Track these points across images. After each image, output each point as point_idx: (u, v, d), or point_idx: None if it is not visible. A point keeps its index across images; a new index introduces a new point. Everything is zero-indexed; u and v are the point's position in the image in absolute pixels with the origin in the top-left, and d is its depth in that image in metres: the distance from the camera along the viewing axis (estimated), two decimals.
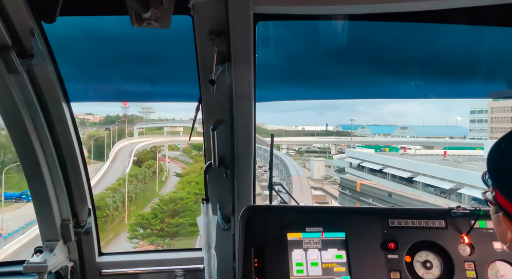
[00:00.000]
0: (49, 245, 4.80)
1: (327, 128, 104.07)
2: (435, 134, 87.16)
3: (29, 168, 4.61)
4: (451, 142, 77.89)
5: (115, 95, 5.59)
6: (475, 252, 4.06)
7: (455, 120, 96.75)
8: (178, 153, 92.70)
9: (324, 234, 4.21)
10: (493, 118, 69.57)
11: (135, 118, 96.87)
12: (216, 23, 3.94)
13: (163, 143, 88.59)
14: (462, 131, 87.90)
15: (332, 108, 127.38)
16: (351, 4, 3.75)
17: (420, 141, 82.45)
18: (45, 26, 4.02)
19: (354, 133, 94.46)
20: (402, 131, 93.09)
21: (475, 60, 5.06)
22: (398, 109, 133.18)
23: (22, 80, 4.10)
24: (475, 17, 4.23)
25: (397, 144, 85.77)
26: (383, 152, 72.10)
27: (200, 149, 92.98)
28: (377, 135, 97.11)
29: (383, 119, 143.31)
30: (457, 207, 4.31)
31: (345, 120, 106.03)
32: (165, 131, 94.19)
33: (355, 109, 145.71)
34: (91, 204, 5.18)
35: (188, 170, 71.35)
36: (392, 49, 5.03)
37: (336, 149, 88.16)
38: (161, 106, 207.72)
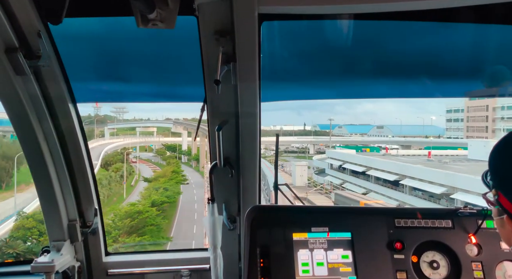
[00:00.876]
0: (56, 245, 4.86)
1: (305, 128, 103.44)
2: (411, 134, 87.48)
3: (36, 168, 4.65)
4: (430, 141, 77.67)
5: (122, 96, 5.67)
6: (482, 252, 4.04)
7: (430, 119, 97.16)
8: (152, 154, 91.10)
9: (329, 234, 4.20)
10: (469, 117, 69.77)
11: (108, 118, 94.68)
12: (221, 24, 3.94)
13: (135, 144, 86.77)
14: (437, 131, 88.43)
15: (310, 108, 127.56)
16: (355, 3, 3.75)
17: (398, 140, 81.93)
18: (51, 28, 4.06)
19: (332, 133, 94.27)
20: (379, 130, 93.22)
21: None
22: (373, 108, 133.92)
23: (29, 81, 4.13)
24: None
25: (375, 143, 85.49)
26: (364, 152, 70.89)
27: (175, 150, 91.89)
28: (354, 134, 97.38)
29: (359, 118, 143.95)
30: (464, 206, 4.29)
31: (322, 120, 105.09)
32: (138, 132, 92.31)
33: (332, 109, 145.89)
34: (97, 204, 5.22)
35: (158, 174, 68.72)
36: (392, 50, 5.07)
37: (315, 148, 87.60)
38: (135, 106, 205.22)
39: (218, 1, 3.73)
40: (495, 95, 5.52)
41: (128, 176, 67.48)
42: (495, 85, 5.35)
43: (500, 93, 5.68)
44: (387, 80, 5.46)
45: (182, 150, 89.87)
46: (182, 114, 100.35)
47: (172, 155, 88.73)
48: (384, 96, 6.02)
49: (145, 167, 79.71)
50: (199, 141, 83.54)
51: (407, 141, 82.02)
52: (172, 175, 67.72)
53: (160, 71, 5.17)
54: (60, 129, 4.62)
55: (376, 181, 53.76)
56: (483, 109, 64.23)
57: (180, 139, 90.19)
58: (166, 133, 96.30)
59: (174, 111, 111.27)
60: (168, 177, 66.31)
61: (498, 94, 5.78)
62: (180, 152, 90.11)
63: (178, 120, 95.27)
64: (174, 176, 66.59)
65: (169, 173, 69.44)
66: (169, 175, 68.22)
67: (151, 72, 5.23)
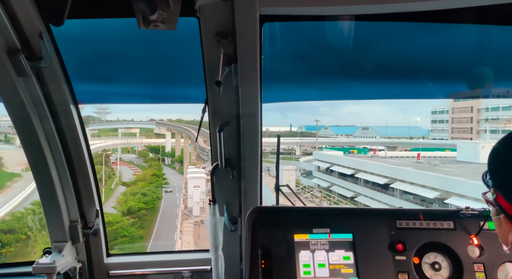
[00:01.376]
0: (57, 246, 4.86)
1: (291, 129, 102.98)
2: (396, 135, 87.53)
3: (38, 169, 4.66)
4: (416, 142, 76.75)
5: (123, 97, 5.63)
6: (484, 253, 4.04)
7: (415, 121, 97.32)
8: (134, 156, 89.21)
9: (331, 235, 4.20)
10: (454, 118, 69.83)
11: (90, 119, 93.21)
12: (222, 25, 3.95)
13: (116, 145, 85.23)
14: (422, 132, 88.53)
15: (295, 109, 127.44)
16: (357, 4, 3.76)
17: (385, 142, 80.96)
18: (53, 29, 4.06)
19: (318, 134, 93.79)
20: (364, 131, 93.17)
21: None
22: (357, 110, 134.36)
23: (31, 82, 4.14)
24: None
25: (361, 144, 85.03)
26: (352, 154, 69.91)
27: (158, 152, 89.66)
28: (339, 136, 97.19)
29: (343, 120, 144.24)
30: (466, 208, 4.28)
31: (307, 122, 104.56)
32: (120, 133, 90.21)
33: (317, 110, 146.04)
34: (99, 205, 5.22)
35: (137, 177, 66.57)
36: (402, 50, 5.07)
37: (301, 150, 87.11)
38: (119, 107, 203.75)
39: (220, 2, 3.73)
40: (479, 97, 5.51)
41: (108, 179, 66.40)
42: (479, 87, 5.42)
43: (484, 94, 5.76)
44: (384, 81, 5.47)
45: (165, 151, 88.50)
46: (167, 115, 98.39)
47: (155, 157, 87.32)
48: (383, 97, 6.05)
49: (126, 169, 77.94)
50: (183, 142, 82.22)
51: (393, 142, 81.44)
52: (152, 178, 66.02)
53: (161, 72, 5.19)
54: (62, 131, 4.63)
55: (365, 184, 52.72)
56: (468, 110, 64.49)
57: (163, 140, 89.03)
58: (150, 134, 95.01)
59: (158, 112, 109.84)
60: (148, 180, 64.41)
61: (481, 95, 5.98)
62: (163, 153, 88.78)
63: (162, 121, 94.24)
64: (154, 179, 64.85)
65: (149, 176, 67.68)
66: (149, 178, 66.34)
67: (152, 74, 5.25)
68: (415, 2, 3.68)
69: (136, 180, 62.44)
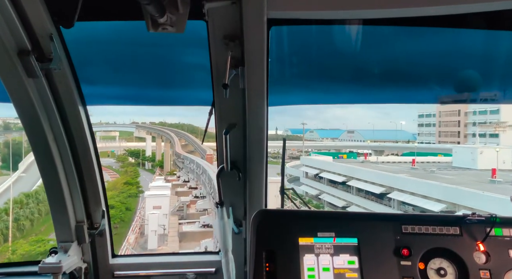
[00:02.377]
0: (64, 246, 4.92)
1: (276, 133, 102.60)
2: (381, 138, 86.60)
3: (46, 169, 4.72)
4: (408, 146, 75.36)
5: (131, 99, 5.70)
6: (490, 260, 4.00)
7: (400, 124, 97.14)
8: (113, 160, 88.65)
9: (336, 239, 4.18)
10: (441, 122, 69.55)
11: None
12: (230, 28, 3.98)
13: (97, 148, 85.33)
14: (407, 136, 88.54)
15: (280, 112, 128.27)
16: (365, 8, 3.77)
17: (372, 145, 79.80)
18: (63, 31, 4.13)
19: (304, 137, 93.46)
20: (349, 135, 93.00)
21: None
22: (342, 113, 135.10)
23: (40, 84, 4.20)
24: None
25: (348, 148, 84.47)
26: (341, 159, 67.93)
27: (138, 156, 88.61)
28: (325, 139, 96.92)
29: (329, 123, 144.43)
30: (472, 213, 4.23)
31: (293, 125, 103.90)
32: (98, 136, 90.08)
33: (302, 114, 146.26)
34: (105, 205, 5.29)
35: (108, 185, 62.31)
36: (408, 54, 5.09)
37: (287, 153, 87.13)
38: (101, 109, 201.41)
39: (228, 6, 3.77)
40: (466, 101, 5.47)
41: None
42: (467, 90, 5.40)
43: (471, 98, 5.65)
44: (392, 86, 5.49)
45: (145, 155, 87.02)
46: (150, 118, 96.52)
47: (133, 162, 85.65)
48: (391, 102, 6.05)
49: (104, 174, 76.26)
50: (163, 146, 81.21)
51: (382, 146, 79.86)
52: (124, 187, 63.71)
53: (169, 74, 5.24)
54: (70, 132, 4.70)
55: (358, 192, 50.59)
56: (455, 114, 64.10)
57: (144, 144, 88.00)
58: (131, 138, 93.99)
59: (141, 115, 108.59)
60: (119, 189, 61.87)
61: (469, 99, 5.72)
62: (143, 158, 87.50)
63: (144, 124, 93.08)
64: (126, 188, 62.54)
65: (120, 184, 65.06)
66: (121, 187, 63.79)
67: (160, 76, 5.29)
68: (418, 7, 3.72)
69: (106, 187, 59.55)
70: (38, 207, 50.30)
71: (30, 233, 47.43)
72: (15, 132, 71.21)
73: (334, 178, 54.37)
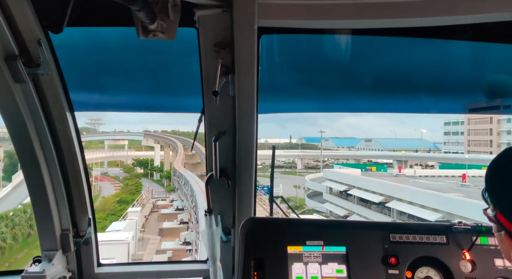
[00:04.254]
0: (48, 254, 4.80)
1: (291, 141, 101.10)
2: (399, 147, 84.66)
3: (31, 176, 4.62)
4: (445, 157, 70.27)
5: (119, 105, 5.64)
6: (476, 269, 4.02)
7: (420, 133, 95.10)
8: (122, 170, 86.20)
9: (324, 248, 4.17)
10: (470, 130, 67.35)
11: (84, 130, 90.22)
12: (221, 36, 4.00)
13: (102, 159, 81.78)
14: (427, 145, 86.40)
15: (293, 121, 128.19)
16: (355, 19, 3.81)
17: (395, 155, 76.22)
18: (52, 36, 4.09)
19: (318, 145, 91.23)
20: (367, 143, 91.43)
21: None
22: (356, 122, 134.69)
23: (27, 89, 4.14)
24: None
25: (367, 157, 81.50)
26: (370, 171, 61.33)
27: (146, 165, 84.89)
28: (341, 148, 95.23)
29: (342, 131, 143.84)
30: (459, 222, 4.29)
31: (306, 133, 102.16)
32: (106, 145, 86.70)
33: (315, 122, 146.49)
34: (91, 213, 5.18)
35: (97, 206, 55.09)
36: (399, 63, 5.11)
37: (302, 163, 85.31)
38: (114, 118, 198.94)
39: (219, 14, 3.77)
40: (499, 108, 5.31)
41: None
42: (498, 97, 5.24)
43: (505, 104, 5.34)
44: (387, 95, 5.50)
45: (153, 165, 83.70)
46: (163, 127, 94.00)
47: (139, 173, 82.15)
48: (385, 111, 6.07)
49: (109, 186, 73.49)
50: (171, 156, 76.53)
51: (406, 155, 75.17)
52: (114, 207, 56.56)
53: (159, 81, 5.22)
54: (57, 138, 4.62)
55: (399, 215, 43.15)
56: (486, 121, 61.13)
57: (152, 153, 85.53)
58: (140, 146, 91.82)
59: (155, 123, 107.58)
60: (108, 210, 54.94)
61: (502, 106, 5.36)
62: (151, 167, 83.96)
63: (149, 132, 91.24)
64: (119, 208, 55.14)
65: (110, 204, 57.87)
66: (110, 207, 56.63)
67: (150, 83, 5.27)
68: (411, 18, 3.75)
69: (97, 208, 51.29)
70: (14, 231, 44.16)
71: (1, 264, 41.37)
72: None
73: (367, 197, 48.06)
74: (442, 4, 3.63)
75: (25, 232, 44.82)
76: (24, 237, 44.70)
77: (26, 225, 44.95)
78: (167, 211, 57.67)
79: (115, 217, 50.33)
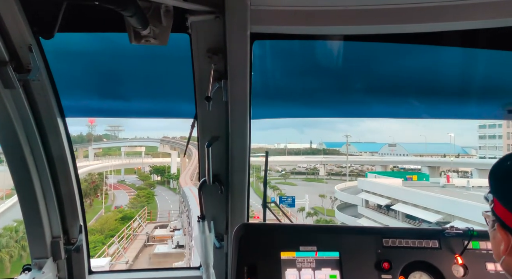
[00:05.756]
0: (38, 262, 4.76)
1: (311, 146, 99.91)
2: (426, 152, 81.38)
3: (21, 182, 4.58)
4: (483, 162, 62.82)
5: (111, 111, 5.55)
6: (468, 273, 4.05)
7: (449, 137, 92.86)
8: (137, 177, 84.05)
9: (318, 253, 4.18)
10: (510, 133, 64.09)
11: (104, 137, 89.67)
12: (213, 42, 4.02)
13: (118, 166, 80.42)
14: (456, 149, 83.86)
15: (312, 126, 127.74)
16: (346, 25, 3.83)
17: (424, 161, 71.84)
18: (43, 42, 4.08)
19: (339, 151, 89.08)
20: (391, 148, 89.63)
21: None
22: (376, 126, 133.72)
23: (17, 95, 4.12)
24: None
25: (400, 164, 76.35)
26: (410, 181, 54.35)
27: (163, 173, 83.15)
28: (363, 153, 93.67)
29: (363, 136, 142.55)
30: (451, 227, 4.32)
31: (324, 138, 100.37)
32: (123, 152, 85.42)
33: (335, 127, 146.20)
34: (82, 220, 5.13)
35: (94, 225, 48.12)
36: (390, 70, 5.12)
37: (325, 169, 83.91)
38: (132, 124, 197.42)
39: (211, 19, 3.80)
40: None
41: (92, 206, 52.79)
42: None
43: None
44: (380, 100, 5.50)
45: (170, 173, 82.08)
46: (182, 133, 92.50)
47: (153, 181, 79.67)
48: (379, 116, 6.04)
49: (123, 194, 71.09)
50: (188, 163, 70.19)
51: (439, 161, 70.05)
52: (117, 226, 46.12)
53: (151, 87, 5.19)
54: (48, 144, 4.59)
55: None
56: None
57: (169, 160, 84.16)
58: (157, 153, 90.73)
59: (173, 130, 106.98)
60: (107, 231, 45.86)
61: None
62: (168, 175, 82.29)
63: (166, 138, 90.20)
64: (120, 227, 42.99)
65: (111, 222, 49.26)
66: (111, 224, 47.93)
67: (142, 88, 5.24)
68: (406, 24, 3.77)
69: (90, 228, 42.18)
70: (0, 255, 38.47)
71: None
72: None
73: (417, 214, 41.28)
74: (436, 10, 3.66)
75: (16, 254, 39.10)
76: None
77: (18, 246, 39.61)
78: (164, 248, 41.77)
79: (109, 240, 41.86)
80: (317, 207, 62.33)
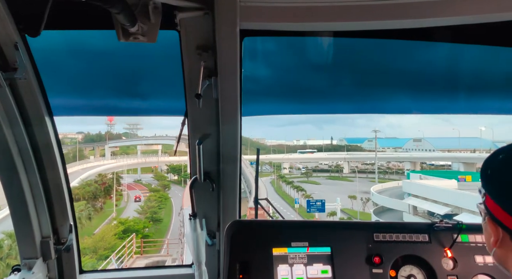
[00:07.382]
0: (27, 263, 4.71)
1: (332, 142, 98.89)
2: (453, 147, 79.45)
3: (9, 182, 4.54)
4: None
5: (100, 110, 5.50)
6: (458, 266, 4.10)
7: (479, 131, 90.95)
8: (152, 177, 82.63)
9: (309, 249, 4.21)
10: None
11: (124, 135, 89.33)
12: (203, 39, 3.99)
13: (131, 165, 79.22)
14: (487, 144, 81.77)
15: (329, 122, 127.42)
16: (336, 21, 3.83)
17: (459, 157, 69.25)
18: (29, 40, 4.02)
19: (361, 147, 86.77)
20: (416, 143, 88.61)
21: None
22: (396, 121, 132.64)
23: (4, 94, 4.06)
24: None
25: (434, 160, 73.92)
26: (463, 182, 50.07)
27: (179, 172, 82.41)
28: (387, 148, 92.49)
29: (383, 131, 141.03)
30: (440, 220, 4.36)
31: (344, 134, 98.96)
32: (139, 150, 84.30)
33: (353, 123, 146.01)
34: (72, 220, 5.09)
35: (90, 241, 41.91)
36: (382, 65, 5.14)
37: (349, 166, 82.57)
38: (150, 122, 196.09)
39: (200, 16, 3.77)
40: None
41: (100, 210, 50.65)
42: None
43: None
44: (372, 94, 5.52)
45: (187, 172, 78.45)
46: None
47: (165, 183, 77.32)
48: (363, 112, 6.04)
49: (138, 194, 68.60)
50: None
51: (476, 157, 67.26)
52: (115, 242, 40.65)
53: (141, 85, 5.16)
54: (35, 143, 4.53)
55: None
56: None
57: (186, 158, 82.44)
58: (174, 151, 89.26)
59: None
60: (103, 249, 40.13)
61: None
62: (185, 174, 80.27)
63: (184, 136, 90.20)
64: (117, 246, 36.71)
65: (109, 237, 43.46)
66: (108, 240, 41.80)
67: (131, 86, 5.21)
68: (403, 19, 3.77)
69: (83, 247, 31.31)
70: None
71: None
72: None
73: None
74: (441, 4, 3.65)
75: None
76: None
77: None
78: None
79: (107, 263, 33.33)
80: (347, 209, 59.10)
